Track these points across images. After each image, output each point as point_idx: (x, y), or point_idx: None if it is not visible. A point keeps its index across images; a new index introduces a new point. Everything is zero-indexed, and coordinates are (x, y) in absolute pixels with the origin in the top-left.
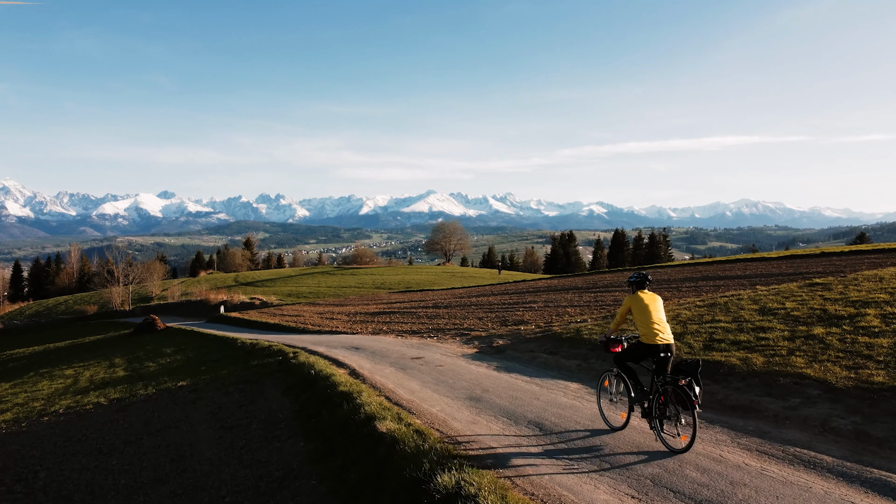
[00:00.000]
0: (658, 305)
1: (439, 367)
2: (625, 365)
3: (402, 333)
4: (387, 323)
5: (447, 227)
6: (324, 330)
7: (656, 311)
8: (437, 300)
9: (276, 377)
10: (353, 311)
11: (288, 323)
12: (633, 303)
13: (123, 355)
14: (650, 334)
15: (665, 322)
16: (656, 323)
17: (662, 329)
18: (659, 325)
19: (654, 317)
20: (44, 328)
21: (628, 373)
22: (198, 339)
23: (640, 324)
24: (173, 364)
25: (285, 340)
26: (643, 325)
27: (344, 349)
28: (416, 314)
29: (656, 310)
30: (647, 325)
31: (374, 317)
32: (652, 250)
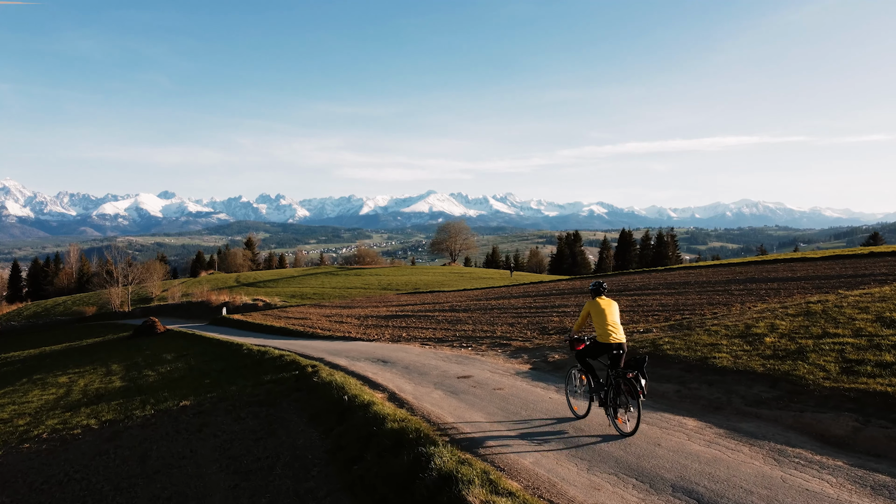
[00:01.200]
0: (613, 310)
1: (498, 392)
2: (585, 361)
3: (428, 342)
4: (404, 328)
5: (452, 226)
6: (336, 335)
7: (611, 315)
8: (453, 303)
9: (297, 399)
10: (362, 313)
11: (295, 327)
12: (592, 307)
13: (121, 361)
14: (605, 334)
15: (619, 324)
16: (610, 325)
17: (616, 330)
18: (613, 326)
19: (609, 319)
20: (41, 330)
21: (588, 368)
22: (200, 345)
23: (597, 325)
24: (174, 374)
25: (296, 348)
26: (599, 327)
27: (369, 362)
28: (433, 318)
29: (611, 314)
30: (602, 327)
31: (388, 321)
32: (659, 250)
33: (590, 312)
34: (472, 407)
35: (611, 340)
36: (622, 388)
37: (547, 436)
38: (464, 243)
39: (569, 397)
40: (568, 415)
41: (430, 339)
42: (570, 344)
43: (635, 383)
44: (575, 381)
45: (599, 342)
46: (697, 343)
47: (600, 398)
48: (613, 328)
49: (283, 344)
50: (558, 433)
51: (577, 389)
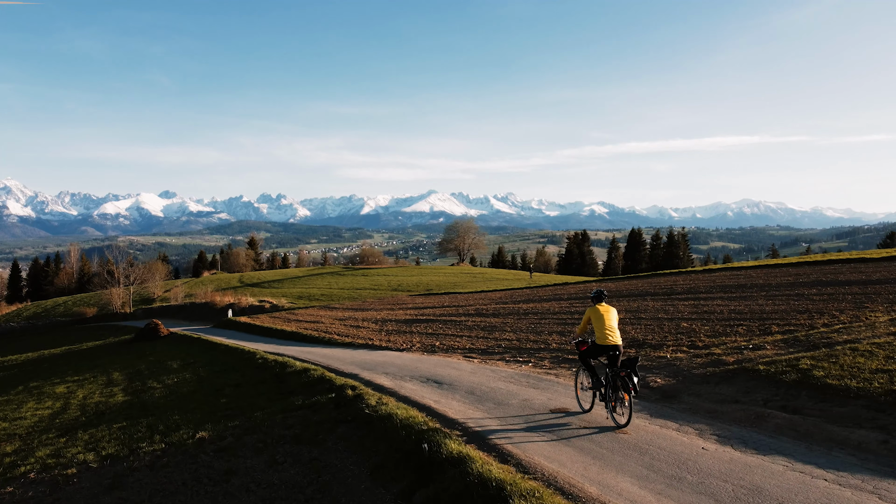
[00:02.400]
0: (611, 315)
1: (626, 439)
2: (587, 361)
3: (472, 354)
4: (433, 335)
5: (461, 225)
6: (357, 343)
7: (609, 320)
8: (477, 306)
9: (345, 435)
10: (378, 317)
11: (308, 331)
12: (593, 313)
13: (123, 369)
14: (603, 337)
15: (616, 328)
16: (608, 329)
17: (612, 333)
18: (610, 330)
19: (607, 324)
20: (41, 331)
21: (589, 367)
22: (208, 351)
23: (597, 329)
24: (182, 387)
25: (317, 358)
26: (598, 330)
27: (417, 382)
28: (462, 325)
29: (609, 319)
30: (601, 330)
31: (410, 326)
32: (670, 250)
33: (591, 317)
34: (606, 467)
35: (608, 342)
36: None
37: None
38: (472, 242)
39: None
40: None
41: (474, 351)
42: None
43: (627, 380)
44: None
45: (598, 344)
46: (860, 368)
47: (600, 393)
48: (611, 331)
49: (301, 352)
50: None
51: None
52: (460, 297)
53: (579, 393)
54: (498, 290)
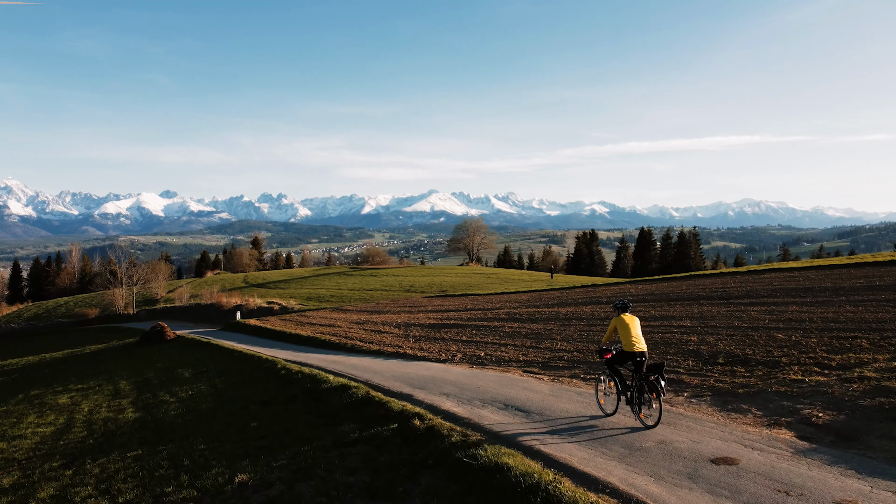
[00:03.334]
0: (636, 324)
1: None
2: (613, 367)
3: (530, 368)
4: (471, 344)
5: (470, 225)
6: (386, 351)
7: (634, 329)
8: (507, 310)
9: (436, 490)
10: (398, 320)
11: (326, 336)
12: (618, 323)
13: (130, 377)
14: (630, 345)
15: (640, 336)
16: (634, 337)
17: (638, 341)
18: (636, 338)
19: (633, 332)
20: (41, 333)
21: (616, 373)
22: (221, 358)
23: (623, 337)
24: (199, 403)
25: (347, 369)
26: (625, 339)
27: (496, 409)
28: (498, 331)
29: (634, 327)
30: (627, 339)
31: (439, 331)
32: (681, 250)
33: (616, 327)
34: None
35: (635, 350)
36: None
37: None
38: (482, 242)
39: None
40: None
41: (532, 364)
42: (598, 354)
43: (656, 384)
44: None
45: (625, 351)
46: None
47: (627, 398)
48: (636, 339)
49: (326, 361)
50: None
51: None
52: (481, 299)
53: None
54: (519, 291)
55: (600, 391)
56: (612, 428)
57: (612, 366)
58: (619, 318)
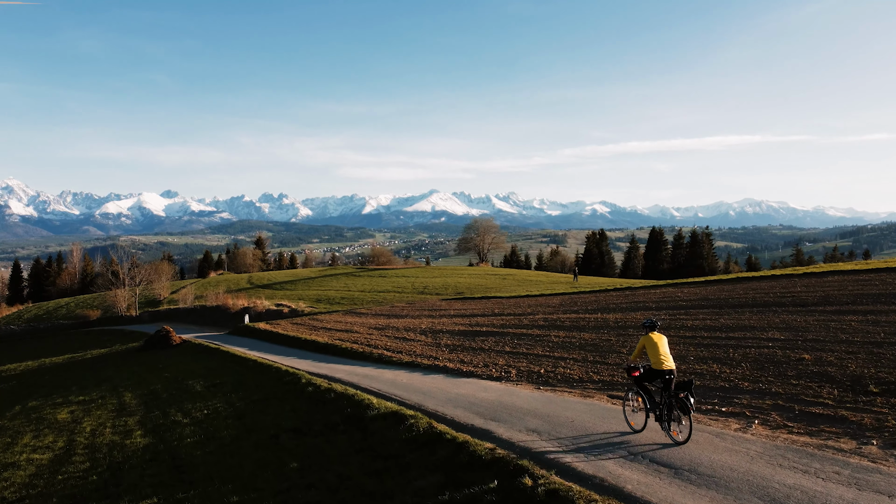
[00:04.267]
0: (664, 342)
1: None
2: (642, 385)
3: (615, 392)
4: (521, 356)
5: (481, 224)
6: (422, 363)
7: (663, 347)
8: (542, 315)
9: None
10: (422, 326)
11: (346, 344)
12: (647, 341)
13: (135, 388)
14: (658, 363)
15: (669, 354)
16: (663, 355)
17: (667, 359)
18: (664, 356)
19: (661, 350)
20: (42, 335)
21: (645, 390)
22: (233, 368)
23: (651, 356)
24: (218, 426)
25: (387, 387)
26: (653, 357)
27: (627, 461)
28: (545, 341)
29: (662, 346)
30: (656, 357)
31: (474, 339)
32: (694, 250)
33: (645, 345)
34: None
35: (664, 367)
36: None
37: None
38: (493, 242)
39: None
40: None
41: (615, 386)
42: (627, 371)
43: (686, 402)
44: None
45: (654, 369)
46: None
47: (656, 415)
48: (665, 357)
49: (356, 375)
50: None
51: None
52: (506, 302)
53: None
54: (546, 294)
55: (628, 408)
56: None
57: (641, 383)
58: (647, 336)
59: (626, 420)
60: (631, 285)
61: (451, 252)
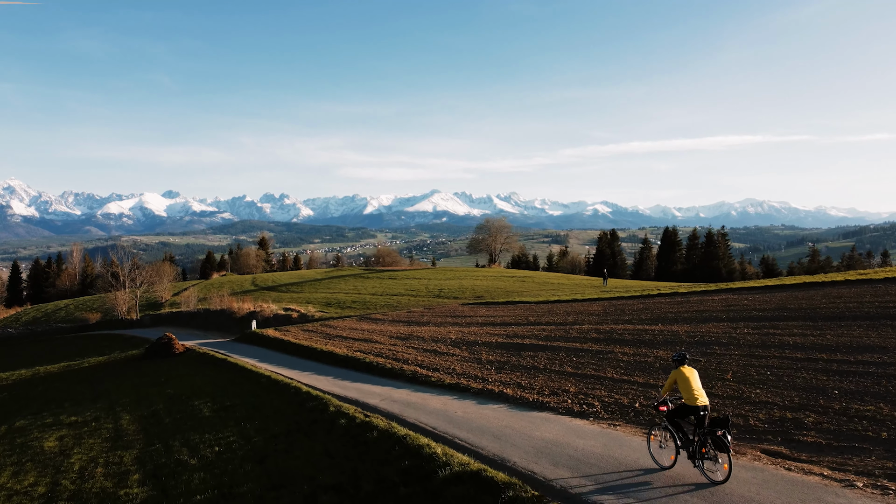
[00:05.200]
0: (695, 376)
1: None
2: (674, 421)
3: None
4: (591, 380)
5: (493, 224)
6: (469, 387)
7: (695, 382)
8: (591, 325)
9: None
10: (451, 336)
11: (369, 357)
12: (678, 375)
13: (134, 407)
14: (692, 399)
15: (701, 389)
16: (696, 390)
17: (700, 394)
18: (698, 391)
19: (694, 385)
20: (39, 339)
21: (676, 427)
22: (244, 384)
23: (684, 391)
24: (234, 474)
25: (437, 421)
26: (686, 392)
27: None
28: (609, 358)
29: (695, 380)
30: (689, 392)
31: (519, 355)
32: (709, 250)
33: (676, 380)
34: None
35: (698, 403)
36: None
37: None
38: (505, 242)
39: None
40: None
41: (767, 436)
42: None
43: (723, 439)
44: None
45: (688, 405)
46: None
47: (689, 452)
48: (698, 392)
49: (396, 403)
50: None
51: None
52: (537, 308)
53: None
54: (579, 300)
55: (654, 443)
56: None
57: (673, 419)
58: (678, 370)
59: (652, 457)
60: (676, 289)
61: (452, 252)
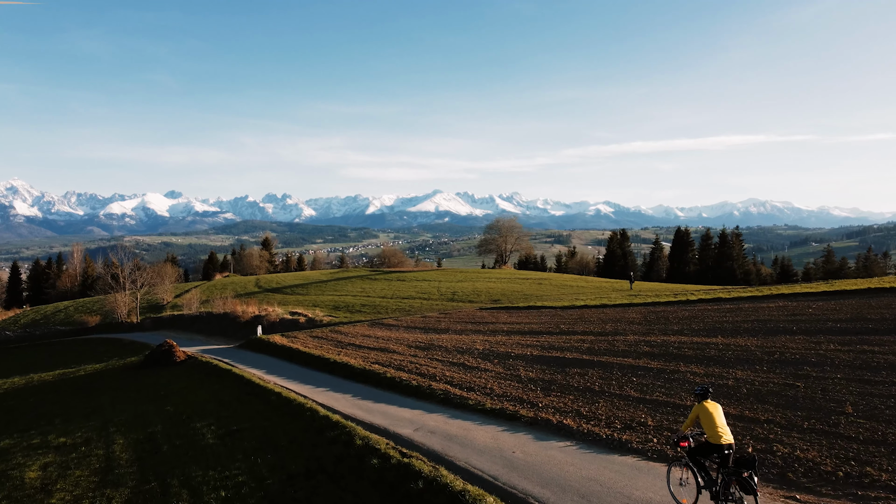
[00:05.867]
0: (719, 412)
1: None
2: (695, 458)
3: None
4: (672, 409)
5: (503, 224)
6: (517, 413)
7: (719, 417)
8: (637, 337)
9: None
10: (476, 346)
11: (387, 371)
12: (701, 411)
13: (129, 428)
14: (716, 436)
15: (726, 425)
16: (720, 427)
17: (725, 432)
18: (721, 428)
19: (718, 422)
20: (37, 343)
21: (698, 465)
22: (252, 403)
23: (707, 428)
24: None
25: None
26: (709, 429)
27: None
28: (679, 380)
29: (718, 416)
30: (712, 429)
31: (563, 373)
32: (723, 251)
33: (699, 415)
34: None
35: (722, 441)
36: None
37: None
38: (516, 243)
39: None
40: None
41: None
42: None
43: (750, 481)
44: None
45: (711, 443)
46: None
47: (712, 492)
48: (722, 430)
49: (429, 433)
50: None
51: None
52: (565, 315)
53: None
54: (613, 305)
55: (673, 479)
56: None
57: (695, 457)
58: (700, 405)
59: (672, 495)
60: (718, 295)
61: (455, 252)
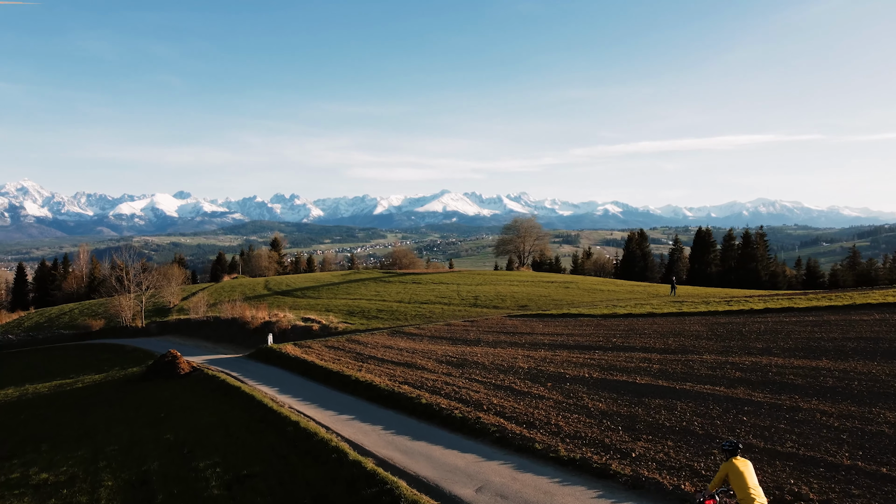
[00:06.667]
0: (750, 471)
1: None
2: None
3: None
4: (818, 471)
5: (522, 225)
6: (609, 468)
7: (750, 478)
8: (717, 356)
9: None
10: (520, 363)
11: (422, 396)
12: (730, 469)
13: (121, 463)
14: (747, 498)
15: (758, 486)
16: (752, 488)
17: (758, 494)
18: (754, 489)
19: (749, 482)
20: (38, 349)
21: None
22: (264, 435)
23: (738, 489)
24: None
25: None
26: (740, 491)
27: None
28: (811, 423)
29: (750, 476)
30: (744, 491)
31: (644, 405)
32: (746, 252)
33: (728, 473)
34: None
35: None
36: None
37: None
38: (535, 244)
39: None
40: None
41: None
42: (700, 502)
43: None
44: None
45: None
46: None
47: None
48: (755, 492)
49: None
50: None
51: None
52: (608, 324)
53: None
54: (664, 314)
55: None
56: None
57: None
58: (729, 463)
59: None
60: (791, 304)
61: (463, 252)
